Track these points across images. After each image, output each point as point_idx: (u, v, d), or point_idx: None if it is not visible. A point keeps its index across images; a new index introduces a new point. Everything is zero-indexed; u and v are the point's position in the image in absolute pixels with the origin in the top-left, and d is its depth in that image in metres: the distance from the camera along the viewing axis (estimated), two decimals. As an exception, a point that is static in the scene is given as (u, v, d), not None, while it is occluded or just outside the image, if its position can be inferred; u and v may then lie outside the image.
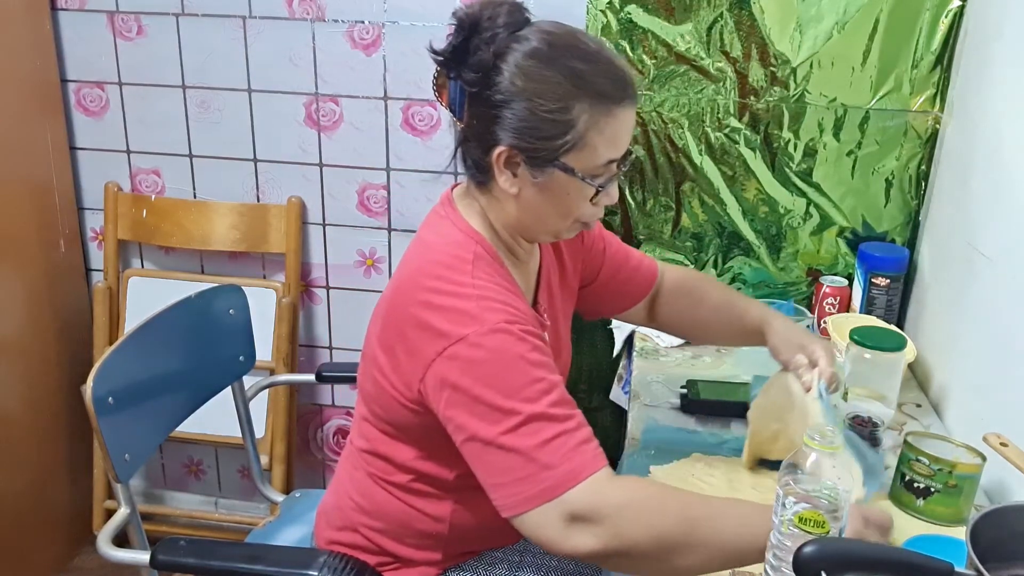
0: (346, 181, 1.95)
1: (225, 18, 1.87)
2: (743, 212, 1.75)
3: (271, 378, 1.67)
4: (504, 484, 0.90)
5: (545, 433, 0.89)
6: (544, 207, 1.01)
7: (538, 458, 0.89)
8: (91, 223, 2.10)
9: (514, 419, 0.90)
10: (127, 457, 1.20)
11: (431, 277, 0.98)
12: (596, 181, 0.99)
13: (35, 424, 1.97)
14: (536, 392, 0.91)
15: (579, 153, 0.97)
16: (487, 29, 0.96)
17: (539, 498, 0.88)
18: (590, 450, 0.91)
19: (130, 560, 1.13)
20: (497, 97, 0.96)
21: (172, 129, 1.98)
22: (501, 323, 0.93)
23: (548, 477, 0.88)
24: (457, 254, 1.00)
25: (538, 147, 0.97)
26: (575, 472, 0.88)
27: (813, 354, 1.17)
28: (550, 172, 0.98)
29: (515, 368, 0.92)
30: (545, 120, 0.95)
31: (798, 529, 0.88)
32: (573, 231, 1.07)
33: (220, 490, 2.27)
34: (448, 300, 0.95)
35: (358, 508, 1.15)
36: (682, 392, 1.42)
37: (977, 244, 1.37)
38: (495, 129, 0.97)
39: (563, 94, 0.95)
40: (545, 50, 0.96)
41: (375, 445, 1.11)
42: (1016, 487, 1.13)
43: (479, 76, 0.96)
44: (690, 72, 1.68)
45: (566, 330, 1.24)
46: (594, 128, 0.96)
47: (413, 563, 1.14)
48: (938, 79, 1.61)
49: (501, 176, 0.99)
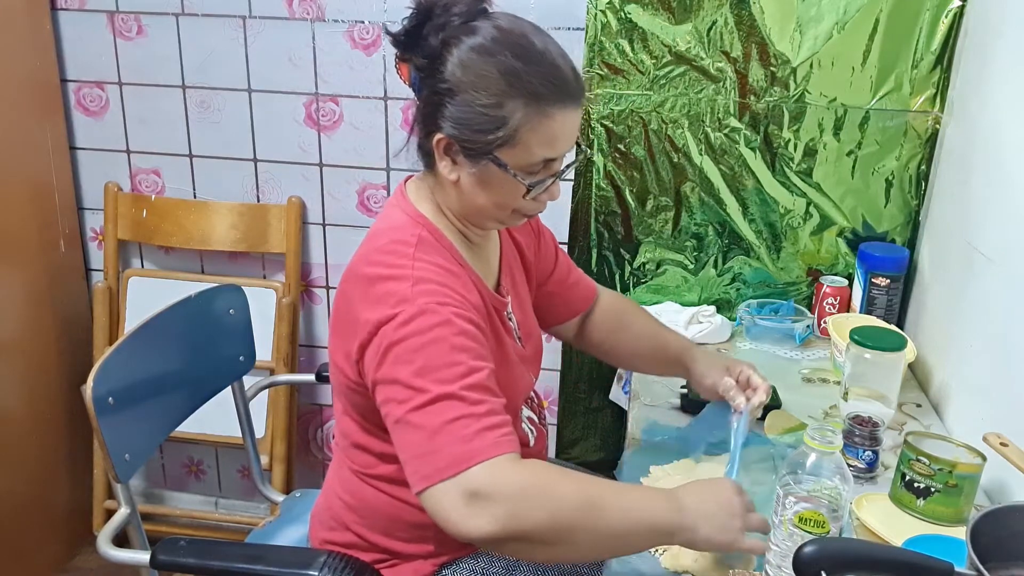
0: (346, 181, 1.95)
1: (225, 18, 1.87)
2: (743, 212, 1.75)
3: (271, 378, 1.67)
4: (408, 460, 0.92)
5: (451, 413, 0.90)
6: (481, 196, 1.03)
7: (440, 435, 0.89)
8: (91, 223, 2.10)
9: (423, 397, 0.91)
10: (127, 457, 1.20)
11: (372, 263, 1.00)
12: (530, 179, 1.01)
13: (35, 424, 1.96)
14: (452, 375, 0.91)
15: (512, 150, 0.99)
16: (440, 16, 0.97)
17: (438, 474, 0.88)
18: (494, 436, 0.90)
19: (130, 560, 1.13)
20: (441, 86, 0.98)
21: (172, 129, 1.98)
22: (431, 304, 0.95)
23: (448, 454, 0.88)
24: (400, 238, 1.02)
25: (472, 139, 0.98)
26: (474, 453, 0.88)
27: (741, 374, 1.20)
28: (484, 164, 0.99)
29: (433, 349, 0.93)
30: (479, 115, 0.97)
31: (798, 529, 0.88)
32: (515, 221, 1.08)
33: (220, 490, 2.27)
34: (384, 284, 0.97)
35: (347, 506, 1.16)
36: (682, 392, 1.42)
37: (977, 244, 1.37)
38: (437, 117, 0.99)
39: (497, 91, 0.96)
40: (488, 45, 0.97)
41: (353, 439, 1.13)
42: (1016, 487, 1.13)
43: (427, 62, 0.98)
44: (690, 72, 1.68)
45: (532, 316, 1.26)
46: (527, 127, 0.97)
47: (407, 557, 1.14)
48: (938, 79, 1.61)
49: (441, 162, 1.02)
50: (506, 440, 0.91)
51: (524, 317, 1.22)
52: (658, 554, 1.06)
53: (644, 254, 1.81)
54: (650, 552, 1.06)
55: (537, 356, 1.25)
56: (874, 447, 1.22)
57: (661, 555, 1.05)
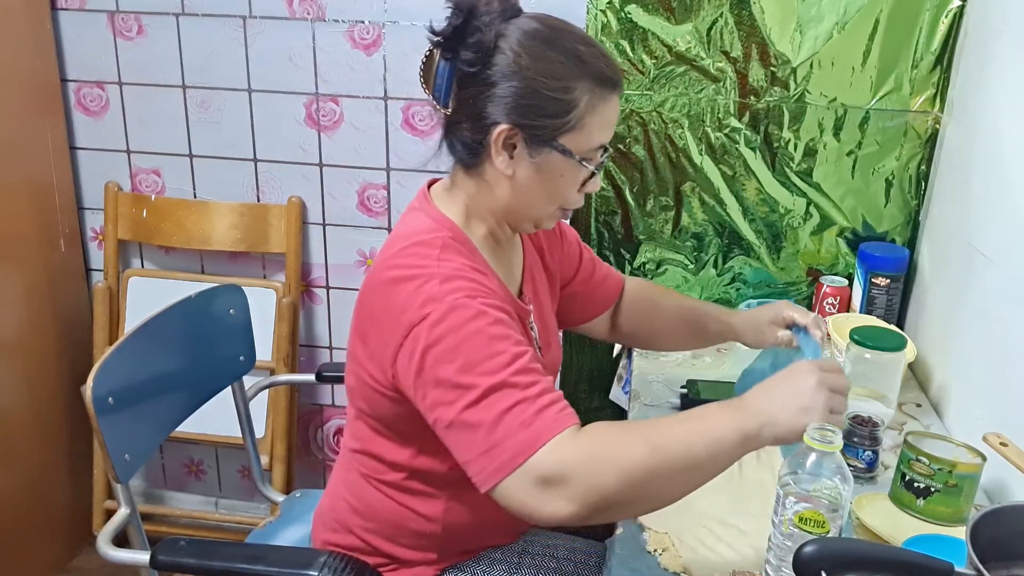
0: (346, 181, 1.95)
1: (225, 18, 1.87)
2: (743, 212, 1.75)
3: (271, 378, 1.67)
4: (472, 460, 0.90)
5: (504, 403, 0.88)
6: (536, 189, 1.03)
7: (498, 428, 0.88)
8: (91, 223, 2.10)
9: (473, 393, 0.89)
10: (127, 457, 1.20)
11: (396, 267, 0.99)
12: (588, 165, 1.02)
13: (35, 424, 1.97)
14: (497, 364, 0.90)
15: (576, 135, 1.00)
16: (485, 14, 0.98)
17: (505, 469, 0.87)
18: (551, 413, 0.89)
19: (130, 560, 1.13)
20: (497, 76, 0.98)
21: (172, 129, 1.98)
22: (461, 299, 0.93)
23: (512, 446, 0.87)
24: (424, 240, 1.01)
25: (539, 125, 0.98)
26: (534, 438, 0.87)
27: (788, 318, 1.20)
28: (547, 153, 1.00)
29: (473, 343, 0.91)
30: (548, 99, 0.98)
31: (798, 529, 0.88)
32: (553, 220, 1.09)
33: (220, 490, 2.27)
34: (411, 284, 0.96)
35: (352, 509, 1.16)
36: (682, 392, 1.42)
37: (977, 244, 1.37)
38: (493, 108, 0.99)
39: (566, 74, 0.98)
40: (545, 32, 0.99)
41: (366, 444, 1.11)
42: (1016, 487, 1.13)
43: (478, 56, 0.98)
44: (690, 72, 1.68)
45: (553, 324, 1.26)
46: (591, 111, 0.99)
47: (409, 563, 1.14)
48: (938, 79, 1.61)
49: (498, 157, 1.00)
50: (565, 416, 0.89)
51: (544, 326, 1.21)
52: (658, 554, 1.06)
53: (644, 254, 1.81)
54: (650, 552, 1.06)
55: (555, 366, 1.25)
56: (874, 447, 1.22)
57: (661, 555, 1.06)
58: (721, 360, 1.60)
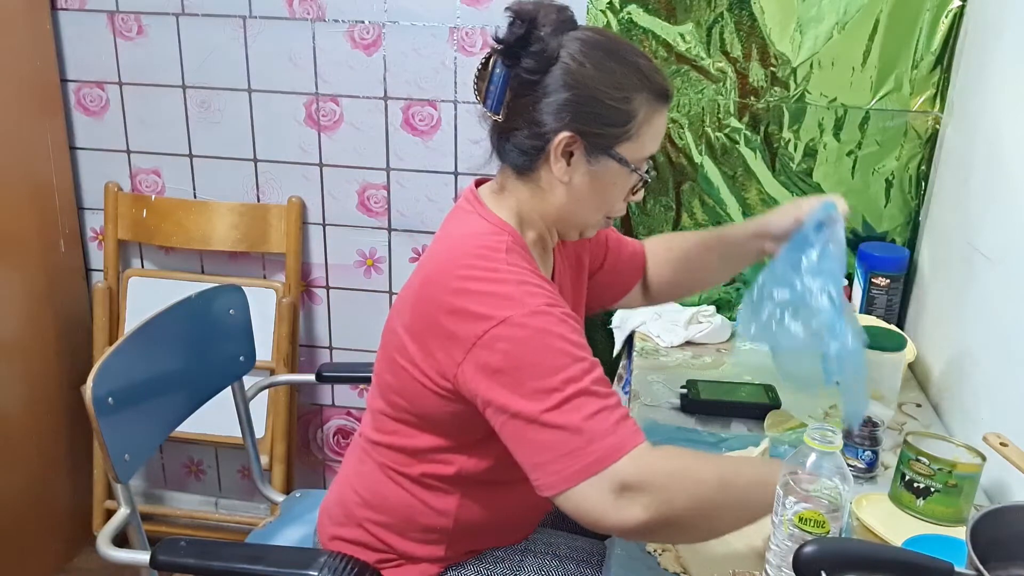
0: (346, 181, 1.95)
1: (225, 18, 1.87)
2: (743, 212, 1.75)
3: (271, 378, 1.67)
4: (548, 461, 0.91)
5: (588, 408, 0.91)
6: (589, 196, 1.05)
7: (584, 432, 0.90)
8: (91, 223, 2.10)
9: (557, 396, 0.91)
10: (127, 457, 1.20)
11: (464, 267, 0.99)
12: (640, 173, 1.05)
13: (35, 424, 1.97)
14: (579, 371, 0.92)
15: (631, 144, 1.02)
16: (545, 24, 0.99)
17: (587, 471, 0.89)
18: (631, 425, 0.92)
19: (130, 560, 1.13)
20: (557, 85, 0.99)
21: (172, 129, 1.98)
22: (543, 305, 0.95)
23: (596, 449, 0.89)
24: (488, 243, 1.01)
25: (600, 133, 1.01)
26: (621, 444, 0.90)
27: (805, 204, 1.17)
28: (604, 161, 1.02)
29: (557, 348, 0.93)
30: (610, 108, 1.00)
31: (798, 529, 0.88)
32: (596, 229, 1.12)
33: (220, 490, 2.27)
34: (486, 285, 0.97)
35: (362, 502, 1.15)
36: (682, 392, 1.42)
37: (977, 244, 1.37)
38: (553, 116, 1.00)
39: (627, 85, 1.00)
40: (607, 43, 1.02)
41: (392, 438, 1.11)
42: (1016, 487, 1.13)
43: (539, 64, 0.99)
44: (690, 72, 1.68)
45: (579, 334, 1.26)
46: (647, 122, 1.02)
47: (416, 559, 1.14)
48: (938, 79, 1.61)
49: (557, 163, 1.02)
50: (638, 429, 0.93)
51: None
52: (658, 554, 1.06)
53: (644, 254, 1.81)
54: (650, 552, 1.06)
55: None
56: (874, 447, 1.22)
57: (660, 555, 1.06)
58: (721, 360, 1.60)
